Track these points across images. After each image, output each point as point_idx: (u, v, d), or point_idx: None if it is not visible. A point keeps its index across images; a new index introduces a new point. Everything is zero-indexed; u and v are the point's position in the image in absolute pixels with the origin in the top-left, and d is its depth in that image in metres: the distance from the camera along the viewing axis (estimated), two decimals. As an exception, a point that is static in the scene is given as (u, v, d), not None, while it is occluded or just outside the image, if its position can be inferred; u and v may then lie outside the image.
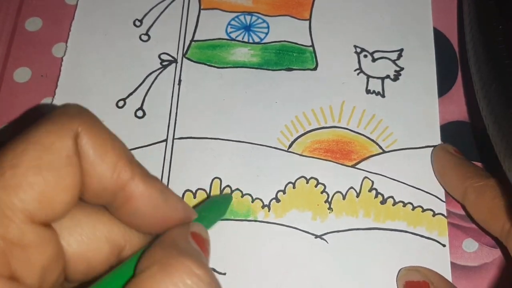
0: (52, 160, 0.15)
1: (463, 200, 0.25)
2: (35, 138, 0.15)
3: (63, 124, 0.15)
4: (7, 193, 0.14)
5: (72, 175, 0.15)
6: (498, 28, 0.24)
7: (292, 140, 0.28)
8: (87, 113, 0.16)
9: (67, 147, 0.15)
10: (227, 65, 0.30)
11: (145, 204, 0.16)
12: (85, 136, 0.15)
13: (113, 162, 0.16)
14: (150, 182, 0.17)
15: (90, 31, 0.30)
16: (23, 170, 0.14)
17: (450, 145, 0.27)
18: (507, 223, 0.22)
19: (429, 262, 0.25)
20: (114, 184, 0.16)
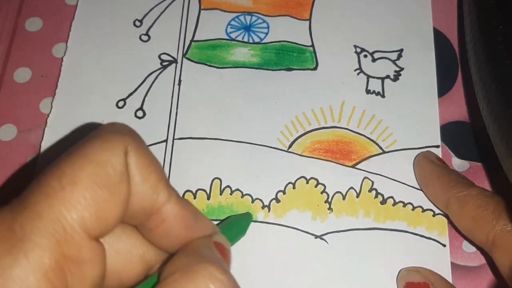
0: (108, 177, 0.15)
1: (446, 210, 0.25)
2: (91, 156, 0.15)
3: (116, 141, 0.16)
4: (67, 209, 0.14)
5: (123, 191, 0.16)
6: (498, 28, 0.24)
7: (292, 140, 0.28)
8: (134, 132, 0.17)
9: (120, 164, 0.15)
10: (227, 65, 0.30)
11: (179, 225, 0.17)
12: (133, 155, 0.16)
13: (155, 183, 0.16)
14: (184, 204, 0.17)
15: (90, 31, 0.30)
16: (82, 187, 0.15)
17: (433, 153, 0.27)
18: (491, 233, 0.22)
19: (429, 262, 0.25)
20: (152, 205, 0.16)
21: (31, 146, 0.28)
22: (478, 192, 0.24)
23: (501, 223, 0.22)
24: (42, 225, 0.14)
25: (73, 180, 0.15)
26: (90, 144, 0.16)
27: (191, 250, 0.17)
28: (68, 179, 0.15)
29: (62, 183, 0.15)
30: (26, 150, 0.28)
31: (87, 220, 0.15)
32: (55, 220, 0.14)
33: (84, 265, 0.15)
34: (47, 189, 0.15)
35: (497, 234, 0.22)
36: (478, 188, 0.24)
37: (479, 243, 0.24)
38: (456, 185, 0.24)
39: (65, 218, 0.14)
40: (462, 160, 0.28)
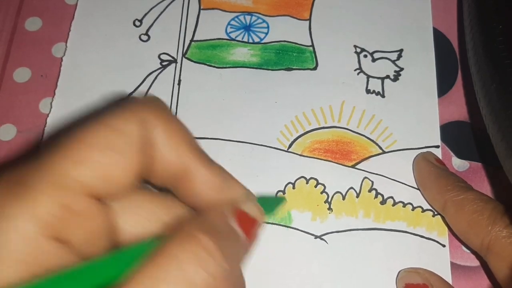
0: (118, 142, 0.16)
1: (442, 212, 0.25)
2: (104, 121, 0.16)
3: (133, 110, 0.16)
4: (70, 165, 0.15)
5: (134, 158, 0.16)
6: (498, 28, 0.24)
7: (292, 140, 0.28)
8: (157, 101, 0.18)
9: (133, 132, 0.16)
10: (227, 65, 0.30)
11: (208, 189, 0.18)
12: (154, 122, 0.17)
13: (179, 148, 0.17)
14: (213, 167, 0.18)
15: (90, 31, 0.30)
16: (90, 147, 0.15)
17: (432, 154, 0.27)
18: (486, 238, 0.22)
19: (429, 262, 0.25)
20: (178, 168, 0.17)
21: (31, 146, 0.28)
22: (475, 197, 0.24)
23: (496, 228, 0.22)
24: (44, 174, 0.15)
25: (83, 139, 0.15)
26: (109, 112, 0.16)
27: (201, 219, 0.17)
28: (78, 138, 0.15)
29: (72, 142, 0.15)
30: (26, 150, 0.28)
31: (90, 179, 0.15)
32: (57, 171, 0.15)
33: (83, 218, 0.15)
34: (57, 147, 0.15)
35: (492, 239, 0.22)
36: (475, 192, 0.24)
37: (474, 248, 0.24)
38: (454, 188, 0.24)
39: (67, 172, 0.15)
40: (462, 160, 0.28)
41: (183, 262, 0.15)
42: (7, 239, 0.14)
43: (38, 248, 0.14)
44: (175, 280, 0.14)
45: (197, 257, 0.15)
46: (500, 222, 0.22)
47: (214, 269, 0.15)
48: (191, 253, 0.15)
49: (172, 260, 0.15)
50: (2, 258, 0.14)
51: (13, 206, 0.14)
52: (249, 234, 0.18)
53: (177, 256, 0.15)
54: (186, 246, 0.15)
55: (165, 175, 0.17)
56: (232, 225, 0.17)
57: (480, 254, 0.24)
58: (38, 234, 0.14)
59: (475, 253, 0.25)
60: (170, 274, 0.14)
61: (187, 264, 0.15)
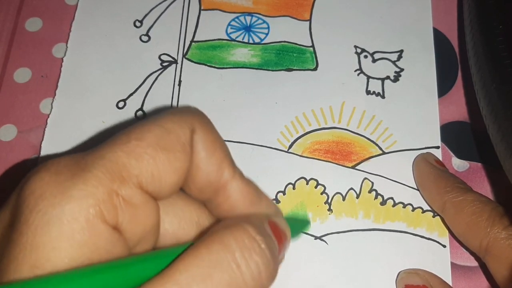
0: (171, 143, 0.16)
1: (442, 213, 0.25)
2: (159, 122, 0.17)
3: (184, 117, 0.17)
4: (128, 158, 0.16)
5: (183, 160, 0.17)
6: (498, 28, 0.24)
7: (292, 141, 0.28)
8: (202, 113, 0.18)
9: (184, 136, 0.17)
10: (227, 65, 0.30)
11: (243, 202, 0.18)
12: (200, 132, 0.17)
13: (219, 161, 0.18)
14: (247, 182, 0.19)
15: (90, 31, 0.30)
16: (145, 144, 0.16)
17: (432, 155, 0.27)
18: (484, 240, 0.23)
19: (429, 262, 0.25)
20: (217, 181, 0.18)
21: (31, 146, 0.28)
22: (474, 198, 0.24)
23: (494, 230, 0.22)
24: (102, 162, 0.15)
25: (139, 136, 0.16)
26: (161, 115, 0.17)
27: (242, 217, 0.18)
28: (135, 135, 0.16)
29: (129, 137, 0.16)
30: (26, 150, 0.28)
31: (143, 174, 0.16)
32: (114, 162, 0.15)
33: (137, 209, 0.16)
34: (115, 140, 0.16)
35: (491, 241, 0.22)
36: (474, 194, 0.24)
37: (472, 249, 0.24)
38: (453, 190, 0.24)
39: (123, 164, 0.16)
40: (462, 160, 0.28)
41: (231, 246, 0.15)
42: (71, 219, 0.14)
43: (96, 232, 0.15)
44: (222, 264, 0.15)
45: (244, 244, 0.16)
46: (499, 223, 0.22)
47: (259, 256, 0.16)
48: (239, 239, 0.16)
49: (219, 243, 0.15)
50: (64, 237, 0.14)
51: (75, 188, 0.15)
52: (280, 244, 0.18)
53: (224, 241, 0.16)
54: (233, 233, 0.16)
55: (204, 187, 0.18)
56: (268, 230, 0.18)
57: (479, 256, 0.24)
58: (97, 218, 0.15)
59: (474, 254, 0.25)
60: (220, 258, 0.15)
61: (235, 249, 0.15)
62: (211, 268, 0.15)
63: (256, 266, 0.16)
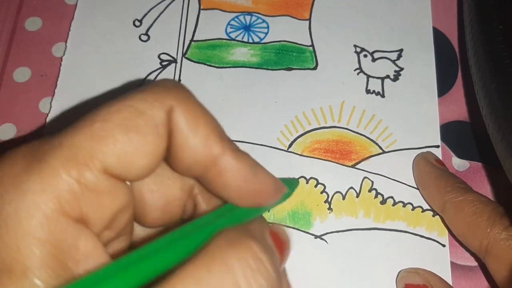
0: (141, 125, 0.15)
1: (442, 213, 0.25)
2: (129, 102, 0.15)
3: (159, 95, 0.16)
4: (91, 142, 0.15)
5: (156, 143, 0.15)
6: (498, 28, 0.24)
7: (292, 140, 0.28)
8: (181, 88, 0.17)
9: (157, 117, 0.15)
10: (226, 65, 0.30)
11: (236, 178, 0.17)
12: (179, 110, 0.16)
13: (205, 136, 0.16)
14: (240, 156, 0.17)
15: (89, 31, 0.30)
16: (111, 126, 0.15)
17: (432, 154, 0.27)
18: (485, 240, 0.22)
19: (429, 262, 0.25)
20: (205, 158, 0.16)
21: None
22: (474, 198, 0.23)
23: (494, 230, 0.22)
24: (60, 150, 0.14)
25: (105, 118, 0.15)
26: (132, 93, 0.16)
27: (243, 228, 0.16)
28: (101, 117, 0.15)
29: (94, 119, 0.15)
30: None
31: (108, 158, 0.15)
32: (74, 147, 0.14)
33: (101, 196, 0.15)
34: (78, 124, 0.15)
35: (491, 241, 0.22)
36: (475, 194, 0.24)
37: (472, 250, 0.24)
38: (453, 190, 0.24)
39: (85, 148, 0.14)
40: (462, 160, 0.28)
41: (234, 269, 0.14)
42: (28, 216, 0.13)
43: (58, 228, 0.14)
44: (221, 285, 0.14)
45: (249, 265, 0.15)
46: (499, 224, 0.22)
47: (264, 278, 0.15)
48: (243, 261, 0.14)
49: (221, 265, 0.14)
50: (24, 235, 0.13)
51: (30, 181, 0.14)
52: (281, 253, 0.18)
53: (227, 262, 0.14)
54: (237, 252, 0.15)
55: (191, 164, 0.17)
56: (269, 241, 0.17)
57: (479, 256, 0.24)
58: (57, 213, 0.14)
59: (474, 254, 0.25)
60: (220, 281, 0.14)
61: (238, 272, 0.14)
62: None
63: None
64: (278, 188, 0.18)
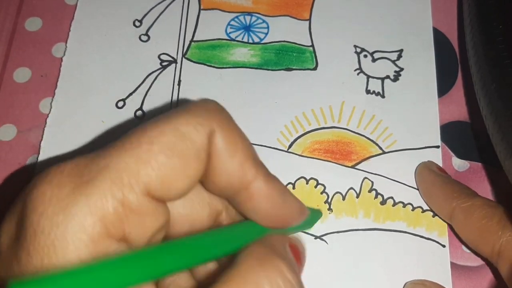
0: (184, 149, 0.16)
1: (450, 220, 0.25)
2: (174, 125, 0.16)
3: (202, 118, 0.16)
4: (137, 164, 0.15)
5: (196, 167, 0.16)
6: (498, 28, 0.24)
7: (292, 141, 0.28)
8: (223, 111, 0.17)
9: (200, 141, 0.16)
10: (226, 65, 0.30)
11: (266, 203, 0.18)
12: (219, 134, 0.16)
13: (241, 162, 0.17)
14: (272, 182, 0.18)
15: (89, 31, 0.30)
16: (157, 149, 0.15)
17: (434, 163, 0.27)
18: (496, 244, 0.22)
19: (429, 262, 0.25)
20: (239, 182, 0.17)
21: (31, 146, 0.28)
22: (483, 203, 0.23)
23: (506, 234, 0.22)
24: (107, 172, 0.15)
25: (152, 140, 0.15)
26: (176, 115, 0.16)
27: (268, 243, 0.17)
28: (147, 139, 0.15)
29: (140, 141, 0.15)
30: (26, 150, 0.28)
31: (152, 181, 0.15)
32: (121, 170, 0.15)
33: (144, 216, 0.15)
34: (125, 144, 0.15)
35: (503, 245, 0.22)
36: (482, 198, 0.24)
37: (484, 255, 0.23)
38: (460, 195, 0.24)
39: (131, 171, 0.15)
40: (462, 160, 0.28)
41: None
42: (75, 239, 0.14)
43: (101, 249, 0.14)
44: None
45: (278, 285, 0.15)
46: (510, 227, 0.22)
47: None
48: (273, 281, 0.15)
49: (253, 285, 0.15)
50: (69, 258, 0.14)
51: (79, 205, 0.14)
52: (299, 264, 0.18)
53: (258, 282, 0.15)
54: (266, 272, 0.15)
55: (224, 186, 0.17)
56: (290, 255, 0.17)
57: (491, 261, 0.23)
58: (102, 235, 0.14)
59: (485, 260, 0.25)
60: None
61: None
62: None
63: None
64: (303, 212, 0.19)
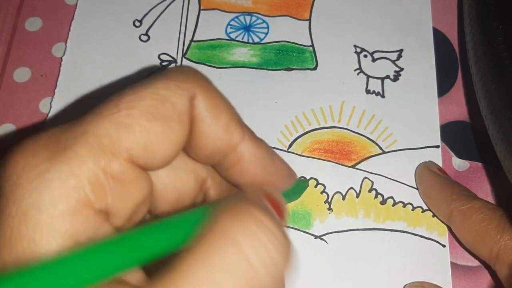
0: (165, 113, 0.15)
1: (449, 222, 0.25)
2: (153, 89, 0.15)
3: (182, 82, 0.15)
4: (117, 130, 0.14)
5: (179, 131, 0.15)
6: (498, 28, 0.24)
7: (292, 140, 0.28)
8: (201, 75, 0.17)
9: (181, 105, 0.15)
10: (226, 65, 0.30)
11: (255, 164, 0.17)
12: (201, 98, 0.16)
13: (226, 124, 0.16)
14: (258, 143, 0.17)
15: (89, 31, 0.30)
16: (137, 113, 0.14)
17: (434, 163, 0.27)
18: (495, 247, 0.22)
19: (429, 262, 0.25)
20: (226, 145, 0.16)
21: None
22: (482, 206, 0.23)
23: (505, 237, 0.22)
24: (86, 138, 0.14)
25: (131, 105, 0.14)
26: (155, 80, 0.15)
27: (240, 194, 0.16)
28: (126, 104, 0.14)
29: (119, 107, 0.14)
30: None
31: (134, 147, 0.14)
32: (101, 136, 0.14)
33: (127, 185, 0.14)
34: (102, 110, 0.15)
35: (501, 248, 0.22)
36: (481, 201, 0.24)
37: (482, 257, 0.23)
38: (459, 197, 0.24)
39: (112, 137, 0.14)
40: (462, 160, 0.28)
41: (240, 243, 0.13)
42: (50, 206, 0.13)
43: (80, 221, 0.13)
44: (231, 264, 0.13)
45: (254, 233, 0.14)
46: (509, 230, 0.22)
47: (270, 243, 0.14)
48: (247, 230, 0.14)
49: (228, 241, 0.13)
50: (43, 227, 0.13)
51: (56, 170, 0.13)
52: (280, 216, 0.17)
53: (232, 237, 0.13)
54: (239, 222, 0.14)
55: (211, 152, 0.16)
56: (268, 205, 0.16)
57: (489, 264, 0.23)
58: (82, 204, 0.13)
59: (483, 263, 0.25)
60: (228, 257, 0.13)
61: (245, 244, 0.13)
62: (220, 271, 0.13)
63: (268, 255, 0.14)
64: (291, 176, 0.18)
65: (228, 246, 0.13)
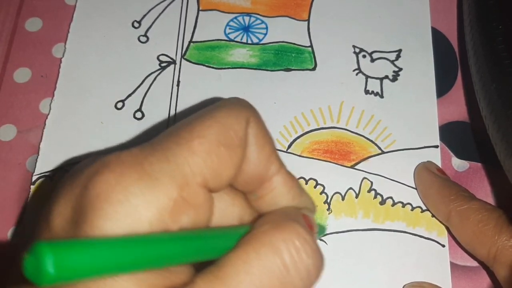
0: (230, 139, 0.17)
1: (447, 223, 0.25)
2: (218, 118, 0.17)
3: (240, 111, 0.18)
4: (193, 157, 0.16)
5: (239, 155, 0.17)
6: (498, 28, 0.24)
7: (291, 141, 0.28)
8: (252, 106, 0.19)
9: (242, 130, 0.17)
10: (225, 66, 0.30)
11: (286, 195, 0.19)
12: (253, 126, 0.18)
13: (268, 154, 0.18)
14: (292, 177, 0.19)
15: (88, 32, 0.30)
16: (208, 142, 0.16)
17: (433, 163, 0.27)
18: (493, 247, 0.22)
19: (428, 262, 0.25)
20: (265, 173, 0.18)
21: (31, 146, 0.28)
22: (479, 206, 0.23)
23: (502, 238, 0.22)
24: (168, 167, 0.15)
25: (202, 134, 0.16)
26: (217, 109, 0.17)
27: (281, 211, 0.18)
28: (197, 133, 0.16)
29: (192, 135, 0.16)
30: (26, 150, 0.28)
31: (207, 172, 0.16)
32: (180, 165, 0.16)
33: (199, 208, 0.16)
34: (177, 139, 0.16)
35: (499, 249, 0.22)
36: (479, 201, 0.24)
37: (480, 258, 0.23)
38: (457, 198, 0.24)
39: (189, 165, 0.16)
40: (462, 160, 0.28)
41: (281, 250, 0.16)
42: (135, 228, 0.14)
43: None
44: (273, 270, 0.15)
45: (294, 245, 0.16)
46: (507, 231, 0.22)
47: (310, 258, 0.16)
48: (289, 241, 0.16)
49: (268, 247, 0.16)
50: None
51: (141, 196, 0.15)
52: None
53: (274, 244, 0.16)
54: (282, 234, 0.16)
55: (252, 178, 0.18)
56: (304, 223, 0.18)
57: (487, 264, 0.23)
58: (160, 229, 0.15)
59: (481, 263, 0.25)
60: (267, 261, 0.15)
61: (285, 252, 0.16)
62: (261, 275, 0.15)
63: (306, 268, 0.16)
64: (313, 210, 0.20)
65: (269, 252, 0.16)
